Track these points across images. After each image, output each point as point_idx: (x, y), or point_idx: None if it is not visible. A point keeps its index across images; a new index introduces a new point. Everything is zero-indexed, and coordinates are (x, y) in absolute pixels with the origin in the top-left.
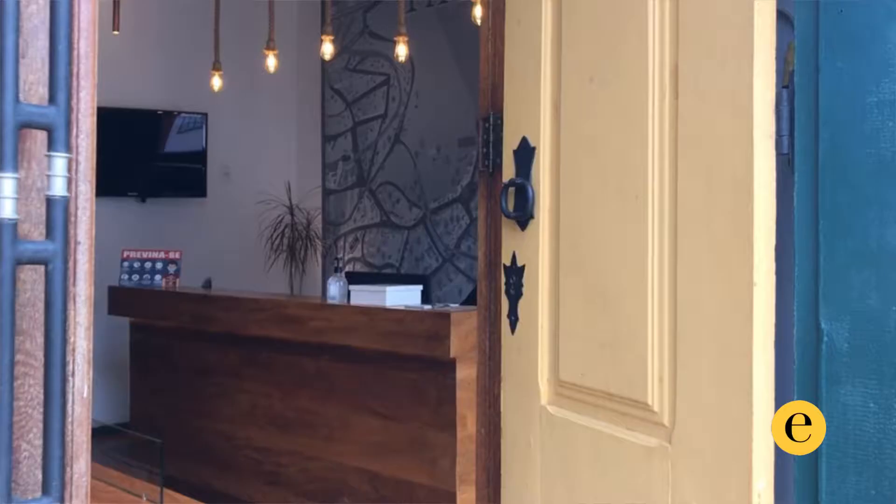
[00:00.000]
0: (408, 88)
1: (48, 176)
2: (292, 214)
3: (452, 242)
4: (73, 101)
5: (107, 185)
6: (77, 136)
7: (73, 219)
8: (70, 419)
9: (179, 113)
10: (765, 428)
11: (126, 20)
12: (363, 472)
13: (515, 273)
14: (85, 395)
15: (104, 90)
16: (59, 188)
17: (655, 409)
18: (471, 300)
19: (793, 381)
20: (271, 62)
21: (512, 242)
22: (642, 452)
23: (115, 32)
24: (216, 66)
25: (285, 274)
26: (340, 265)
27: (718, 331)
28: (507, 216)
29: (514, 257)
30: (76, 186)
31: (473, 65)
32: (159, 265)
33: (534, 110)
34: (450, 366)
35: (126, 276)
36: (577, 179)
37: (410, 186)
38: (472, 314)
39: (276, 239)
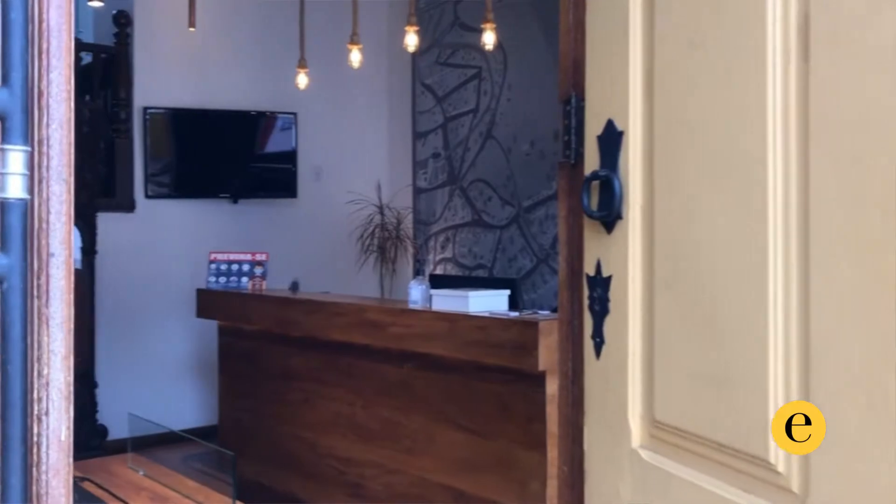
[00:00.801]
0: (500, 81)
1: (1, 174)
2: (382, 214)
3: (547, 242)
4: (44, 84)
5: (199, 187)
6: (48, 126)
7: (44, 226)
8: (44, 467)
9: (270, 113)
10: None
11: (212, 19)
12: (448, 490)
13: (600, 285)
14: (63, 437)
15: (193, 92)
16: (14, 189)
17: (780, 469)
18: None
19: None
20: (355, 57)
21: (596, 248)
22: None
23: (192, 29)
24: (301, 64)
25: (375, 275)
26: (423, 267)
27: (870, 371)
28: (590, 216)
29: (598, 266)
30: (48, 187)
31: None
32: (246, 267)
33: (621, 87)
34: (538, 379)
35: (213, 279)
36: (676, 170)
37: (503, 184)
38: None
39: (366, 239)
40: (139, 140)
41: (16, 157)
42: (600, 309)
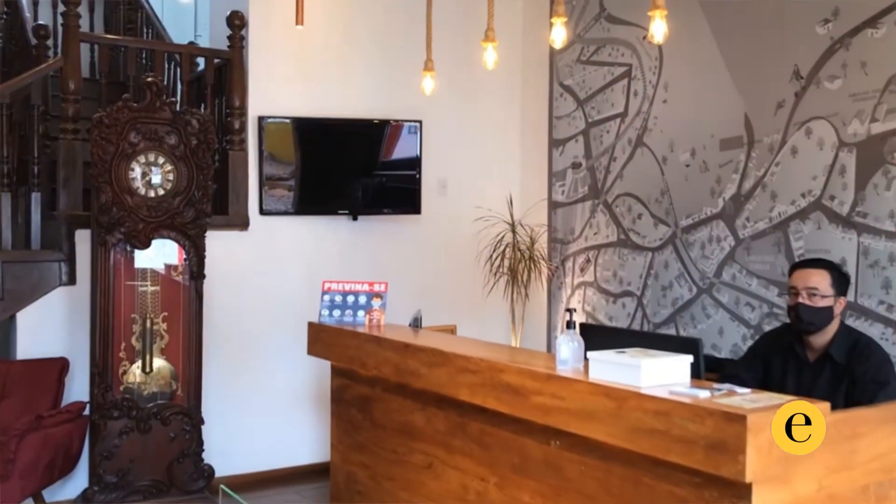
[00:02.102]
0: (654, 80)
1: None
2: (514, 232)
3: (711, 269)
4: None
5: (317, 202)
6: None
7: None
8: None
9: (393, 122)
10: None
11: (330, 18)
12: None
13: None
14: None
15: (310, 99)
16: None
17: None
18: (752, 357)
19: None
20: (490, 56)
21: None
22: None
23: (299, 27)
24: (428, 66)
25: (506, 301)
26: (573, 318)
27: None
28: None
29: None
30: None
31: (741, 46)
32: (363, 299)
33: None
34: (743, 491)
35: (327, 312)
36: None
37: (656, 199)
38: (776, 414)
39: (495, 260)
40: (254, 152)
41: None
42: None
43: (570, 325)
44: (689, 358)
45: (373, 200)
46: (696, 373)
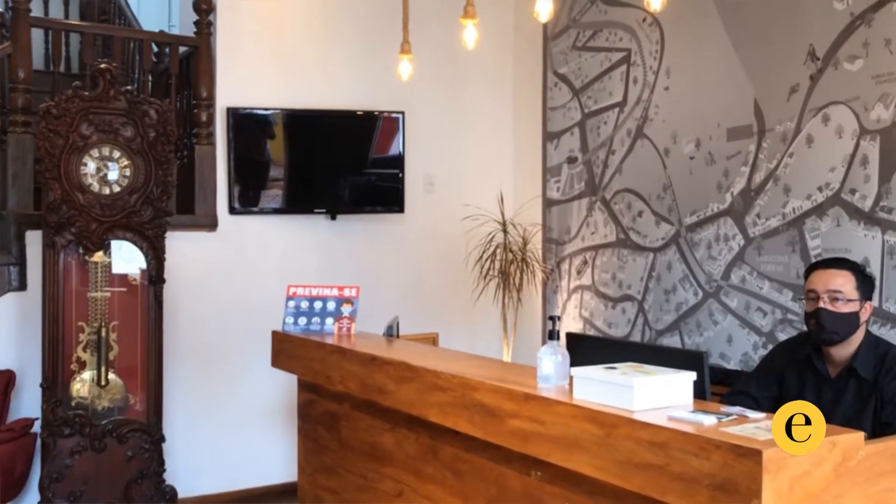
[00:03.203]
0: (654, 66)
1: None
2: (505, 231)
3: (718, 271)
4: None
5: (292, 200)
6: None
7: None
8: None
9: (373, 113)
10: None
11: (304, 3)
12: None
13: None
14: None
15: (283, 90)
16: None
17: None
18: (765, 373)
19: None
20: (470, 35)
21: None
22: None
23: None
24: (404, 49)
25: (497, 306)
26: (557, 328)
27: None
28: None
29: None
30: None
31: (750, 25)
32: (331, 305)
33: None
34: None
35: (291, 320)
36: None
37: (658, 195)
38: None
39: (485, 262)
40: (223, 146)
41: None
42: None
43: (553, 334)
44: (692, 375)
45: (352, 199)
46: (700, 391)
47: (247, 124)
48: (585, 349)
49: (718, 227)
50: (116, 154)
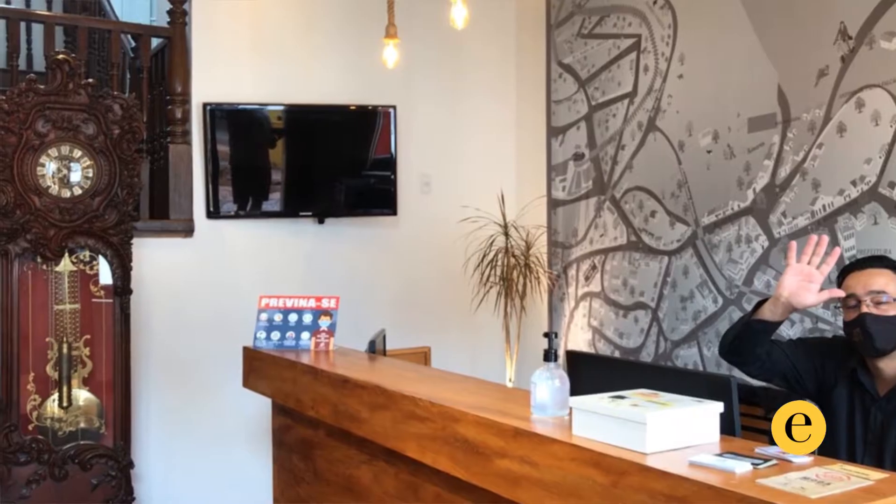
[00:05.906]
0: (667, 52)
1: None
2: (507, 234)
3: (740, 275)
4: None
5: (274, 203)
6: None
7: None
8: None
9: (363, 108)
10: None
11: None
12: None
13: None
14: None
15: (264, 84)
16: None
17: None
18: (816, 354)
19: None
20: (459, 13)
21: None
22: None
23: None
24: (390, 32)
25: (498, 316)
26: (555, 347)
27: None
28: None
29: None
30: None
31: (772, 2)
32: (308, 318)
33: None
34: None
35: (263, 335)
36: None
37: (672, 193)
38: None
39: (485, 268)
40: (199, 145)
41: None
42: None
43: (549, 355)
44: (719, 406)
45: (341, 201)
46: (728, 426)
47: (226, 121)
48: (589, 371)
49: (739, 227)
50: (78, 153)
